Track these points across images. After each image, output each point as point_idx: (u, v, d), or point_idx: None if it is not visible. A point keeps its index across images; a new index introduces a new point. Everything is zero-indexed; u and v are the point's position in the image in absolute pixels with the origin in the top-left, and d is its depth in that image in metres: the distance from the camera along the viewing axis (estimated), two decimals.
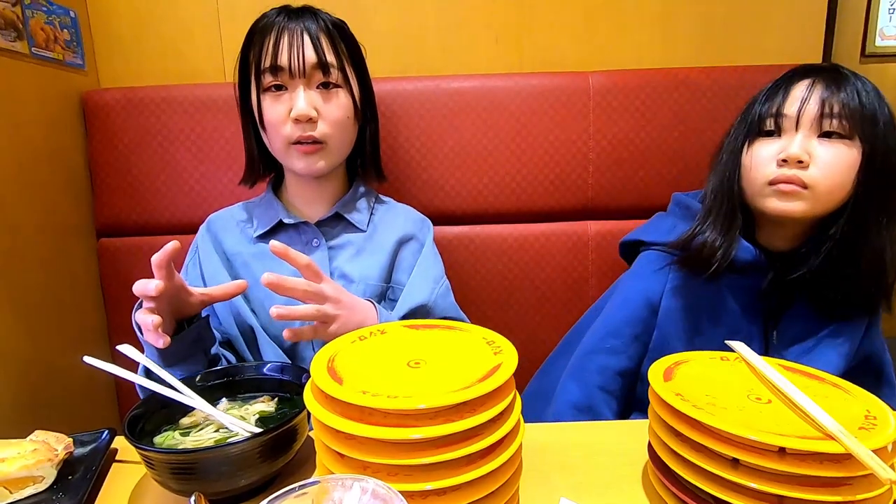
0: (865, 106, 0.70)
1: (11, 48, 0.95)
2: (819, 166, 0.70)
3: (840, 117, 0.70)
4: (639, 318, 0.83)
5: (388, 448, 0.41)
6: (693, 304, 0.80)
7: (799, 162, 0.70)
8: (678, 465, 0.47)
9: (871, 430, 0.42)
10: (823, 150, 0.70)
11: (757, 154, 0.75)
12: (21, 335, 0.96)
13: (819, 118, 0.71)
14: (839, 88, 0.71)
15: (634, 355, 0.83)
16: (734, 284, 0.79)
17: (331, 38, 0.82)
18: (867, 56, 2.03)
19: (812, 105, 0.71)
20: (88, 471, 0.57)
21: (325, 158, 0.84)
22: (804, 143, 0.71)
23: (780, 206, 0.72)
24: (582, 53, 1.21)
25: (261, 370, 0.65)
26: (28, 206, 0.99)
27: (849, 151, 0.70)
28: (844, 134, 0.70)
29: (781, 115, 0.73)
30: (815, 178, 0.70)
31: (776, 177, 0.72)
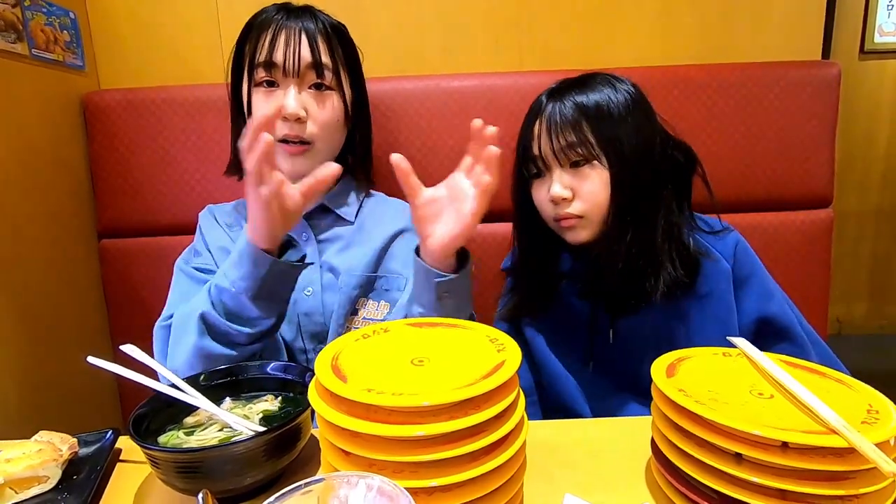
0: (589, 116, 0.74)
1: (11, 50, 0.96)
2: (582, 197, 0.76)
3: (573, 147, 0.74)
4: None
5: (393, 445, 0.42)
6: (545, 316, 0.86)
7: (564, 199, 0.76)
8: (681, 460, 0.47)
9: (874, 424, 0.42)
10: (579, 181, 0.76)
11: (536, 196, 0.81)
12: (24, 337, 0.96)
13: (555, 154, 0.75)
14: (559, 111, 0.75)
15: (523, 373, 0.86)
16: (570, 290, 0.85)
17: (328, 40, 0.82)
18: (866, 52, 2.03)
19: (545, 142, 0.76)
20: (93, 470, 0.57)
21: (310, 161, 0.82)
22: (562, 179, 0.76)
23: (572, 237, 0.79)
24: (582, 51, 1.21)
25: (264, 369, 0.65)
26: (29, 208, 0.99)
27: (599, 171, 0.75)
28: (587, 157, 0.75)
29: (536, 158, 0.79)
30: (584, 209, 0.76)
31: (556, 215, 0.78)
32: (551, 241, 0.83)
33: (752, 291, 0.80)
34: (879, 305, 2.24)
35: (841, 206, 1.29)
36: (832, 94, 1.12)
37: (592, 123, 0.74)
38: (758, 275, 0.81)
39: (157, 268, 1.13)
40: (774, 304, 0.80)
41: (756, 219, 1.13)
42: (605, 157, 0.74)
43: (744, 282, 0.80)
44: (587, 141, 0.74)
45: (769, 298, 0.81)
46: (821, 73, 1.11)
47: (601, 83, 0.77)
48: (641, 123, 0.76)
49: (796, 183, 1.13)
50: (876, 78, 2.01)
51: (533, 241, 0.85)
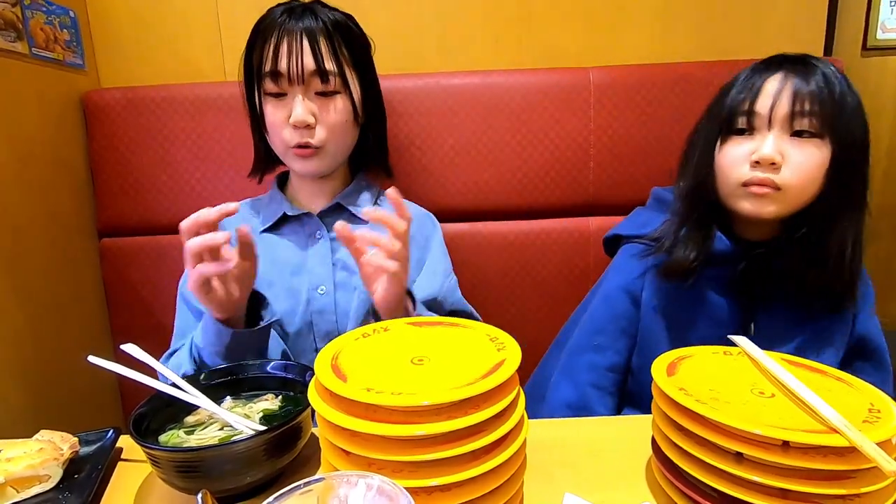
0: (836, 99, 0.70)
1: (11, 49, 0.95)
2: (791, 167, 0.70)
3: (811, 115, 0.69)
4: (622, 312, 0.84)
5: (393, 445, 0.42)
6: (672, 294, 0.81)
7: (772, 164, 0.70)
8: (682, 459, 0.47)
9: (875, 423, 0.42)
10: (796, 151, 0.70)
11: (729, 154, 0.74)
12: (24, 336, 0.96)
13: (790, 117, 0.70)
14: (808, 82, 0.70)
15: (622, 349, 0.84)
16: (712, 275, 0.79)
17: (331, 41, 0.81)
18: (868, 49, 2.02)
19: (783, 103, 0.70)
20: (94, 469, 0.57)
21: (322, 161, 0.85)
22: (776, 143, 0.70)
23: (753, 208, 0.73)
24: (582, 49, 1.20)
25: (264, 368, 0.65)
26: (29, 207, 0.99)
27: (819, 151, 0.70)
28: (815, 133, 0.70)
29: (753, 114, 0.72)
30: (788, 180, 0.70)
31: (749, 179, 0.72)
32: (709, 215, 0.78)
33: (866, 310, 0.80)
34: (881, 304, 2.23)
35: None
36: None
37: (835, 102, 0.69)
38: (872, 294, 0.81)
39: (158, 267, 1.13)
40: (876, 323, 0.81)
41: None
42: (835, 137, 0.70)
43: (863, 300, 0.79)
44: (825, 115, 0.69)
45: (874, 317, 0.81)
46: None
47: (836, 70, 0.72)
48: (865, 125, 0.73)
49: None
50: (878, 75, 2.00)
51: (698, 209, 0.78)
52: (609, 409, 0.83)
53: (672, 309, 0.81)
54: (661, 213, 0.86)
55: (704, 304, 0.80)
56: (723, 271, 0.79)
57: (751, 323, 0.79)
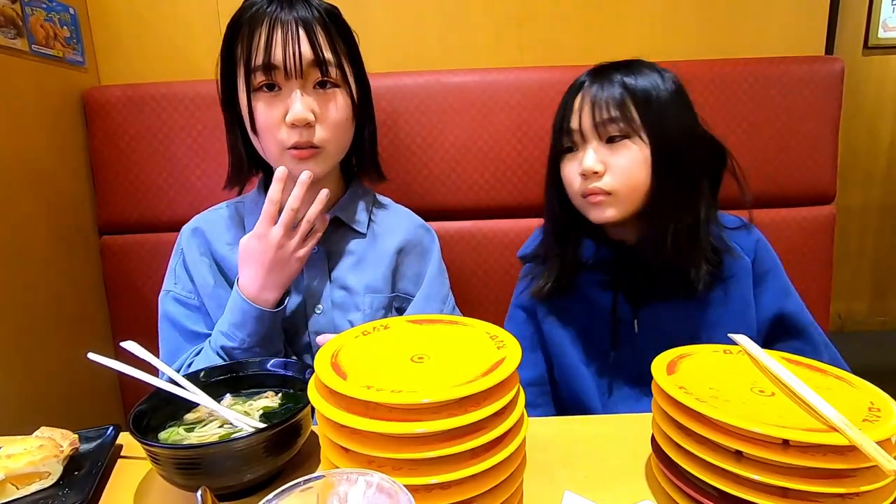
0: (638, 98, 0.73)
1: (11, 46, 0.95)
2: (614, 172, 0.74)
3: (613, 121, 0.73)
4: (525, 330, 0.89)
5: (393, 442, 0.42)
6: (562, 304, 0.85)
7: (594, 173, 0.74)
8: (682, 458, 0.47)
9: (875, 421, 0.42)
10: (614, 156, 0.74)
11: (566, 171, 0.79)
12: (25, 333, 0.96)
13: (595, 127, 0.74)
14: (604, 90, 0.74)
15: (537, 362, 0.88)
16: (593, 279, 0.83)
17: (327, 30, 0.74)
18: (870, 48, 2.02)
19: (586, 116, 0.75)
20: (94, 466, 0.57)
21: (323, 163, 0.78)
22: (595, 154, 0.74)
23: (596, 215, 0.77)
24: (582, 47, 1.20)
25: (264, 366, 0.65)
26: (30, 204, 0.99)
27: (636, 149, 0.74)
28: (625, 135, 0.74)
29: (571, 131, 0.77)
30: (613, 185, 0.74)
31: (584, 190, 0.76)
32: (576, 225, 0.82)
33: (770, 288, 0.80)
34: (881, 302, 2.23)
35: (843, 202, 1.29)
36: (835, 90, 1.11)
37: (638, 102, 0.73)
38: (777, 272, 0.81)
39: (159, 264, 1.12)
40: (792, 301, 0.81)
41: (758, 215, 1.11)
42: (647, 135, 0.73)
43: (763, 278, 0.80)
44: (630, 118, 0.73)
45: (787, 295, 0.81)
46: (824, 68, 1.11)
47: (647, 68, 0.77)
48: (685, 112, 0.77)
49: (799, 179, 1.13)
50: (879, 73, 2.00)
51: (558, 222, 0.84)
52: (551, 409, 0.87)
53: (564, 315, 0.85)
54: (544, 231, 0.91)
55: (593, 307, 0.83)
56: (600, 274, 0.83)
57: (633, 321, 0.81)
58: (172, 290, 0.84)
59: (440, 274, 0.91)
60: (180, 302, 0.83)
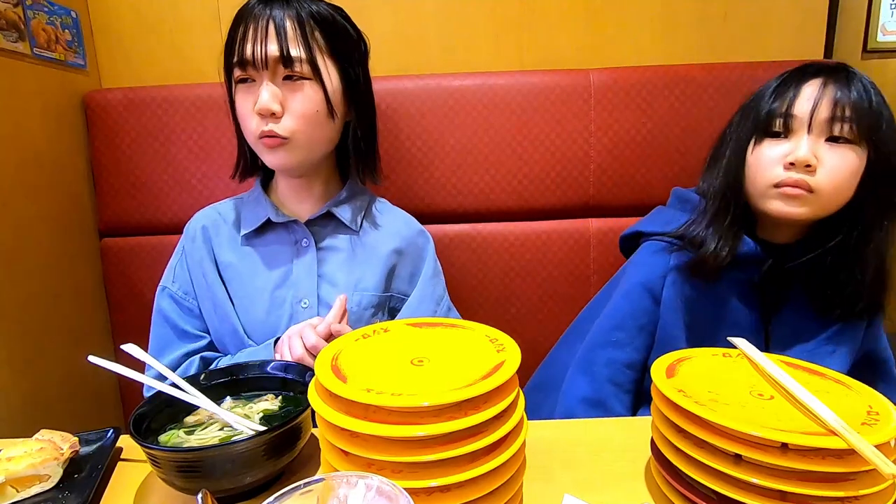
0: (873, 109, 0.71)
1: (13, 49, 0.96)
2: (826, 171, 0.71)
3: (850, 121, 0.70)
4: (642, 309, 0.83)
5: (393, 445, 0.42)
6: (693, 294, 0.80)
7: (807, 166, 0.71)
8: (681, 461, 0.47)
9: (874, 425, 0.42)
10: (830, 155, 0.71)
11: (763, 155, 0.75)
12: (25, 335, 0.96)
13: (829, 121, 0.71)
14: (850, 90, 0.71)
15: (641, 346, 0.83)
16: (733, 277, 0.79)
17: (301, 27, 0.76)
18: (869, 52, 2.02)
19: (824, 107, 0.71)
20: (94, 469, 0.57)
21: (292, 154, 0.80)
22: (813, 146, 0.71)
23: (784, 210, 0.73)
24: (583, 50, 1.21)
25: (264, 369, 0.65)
26: (31, 206, 0.99)
27: (855, 156, 0.71)
28: (852, 139, 0.71)
29: (791, 116, 0.73)
30: (821, 183, 0.71)
31: (782, 180, 0.72)
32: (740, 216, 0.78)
33: (875, 324, 0.80)
34: None
35: None
36: None
37: (872, 112, 0.71)
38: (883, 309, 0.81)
39: (159, 266, 1.11)
40: (884, 339, 0.81)
41: None
42: (869, 146, 0.71)
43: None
44: (861, 122, 0.70)
45: (882, 332, 0.81)
46: None
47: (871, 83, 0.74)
48: None
49: None
50: (879, 77, 2.00)
51: (729, 208, 0.78)
52: (625, 407, 0.82)
53: (692, 309, 0.81)
54: (683, 212, 0.86)
55: (724, 306, 0.80)
56: (745, 274, 0.79)
57: (767, 327, 0.79)
58: (170, 287, 0.87)
59: (435, 275, 0.92)
60: (175, 300, 0.86)
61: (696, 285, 0.80)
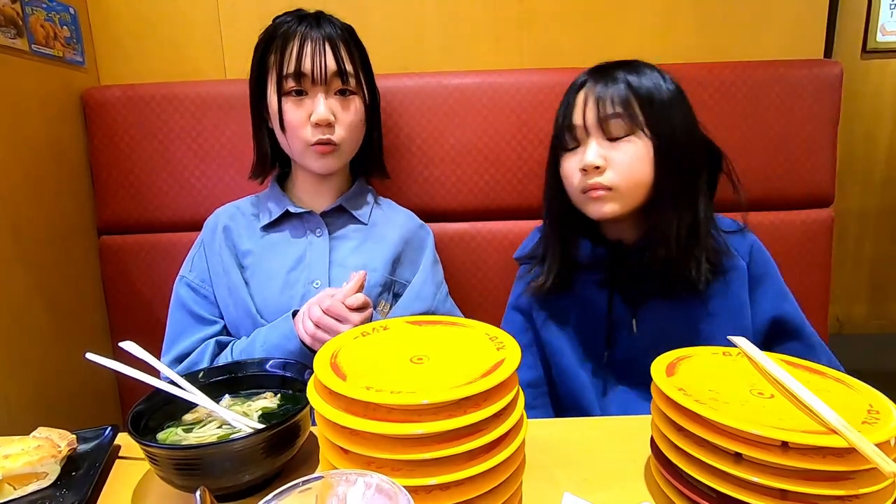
0: (642, 95, 0.74)
1: (11, 45, 0.95)
2: (615, 168, 0.75)
3: (617, 117, 0.74)
4: (521, 330, 0.89)
5: (392, 443, 0.42)
6: (557, 304, 0.85)
7: (596, 168, 0.75)
8: (681, 459, 0.47)
9: (874, 424, 0.42)
10: (615, 152, 0.75)
11: (566, 167, 0.80)
12: (23, 333, 0.96)
13: (600, 123, 0.75)
14: (608, 86, 0.75)
15: (534, 364, 0.88)
16: (589, 279, 0.84)
17: (347, 45, 0.86)
18: (868, 52, 2.02)
19: (590, 111, 0.76)
20: (92, 467, 0.57)
21: (339, 159, 0.89)
22: (597, 149, 0.75)
23: (596, 210, 0.77)
24: (582, 49, 1.20)
25: (263, 367, 0.65)
26: (29, 204, 0.99)
27: (638, 146, 0.75)
28: (628, 132, 0.75)
29: (573, 127, 0.78)
30: (615, 180, 0.75)
31: (584, 186, 0.77)
32: (573, 223, 0.83)
33: (767, 291, 0.81)
34: (880, 305, 2.24)
35: (842, 205, 1.29)
36: (834, 94, 1.11)
37: (642, 99, 0.75)
38: (772, 275, 0.82)
39: (157, 264, 1.13)
40: (788, 304, 0.81)
41: (756, 218, 1.12)
42: (650, 131, 0.74)
43: (759, 281, 0.81)
44: (634, 114, 0.74)
45: (784, 298, 0.81)
46: (823, 72, 1.11)
47: (647, 68, 0.78)
48: (685, 111, 0.78)
49: (797, 182, 1.13)
50: (878, 77, 2.00)
51: (557, 220, 0.84)
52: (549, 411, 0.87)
53: (560, 316, 0.86)
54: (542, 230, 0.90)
55: (588, 307, 0.83)
56: (597, 274, 0.83)
57: (631, 321, 0.81)
58: (187, 276, 0.92)
59: (435, 263, 0.99)
60: (192, 288, 0.91)
61: (557, 295, 0.84)
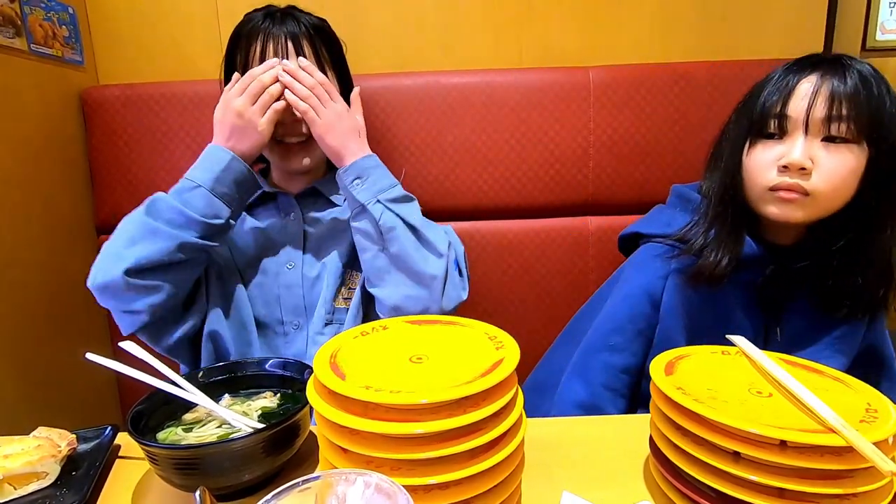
0: (873, 102, 0.67)
1: (10, 45, 0.95)
2: (821, 173, 0.68)
3: (847, 120, 0.66)
4: (641, 313, 0.81)
5: (391, 443, 0.42)
6: (694, 298, 0.78)
7: (801, 169, 0.68)
8: (680, 458, 0.47)
9: (872, 422, 0.42)
10: (827, 156, 0.68)
11: (758, 158, 0.72)
12: (23, 332, 0.96)
13: (826, 121, 0.67)
14: (846, 84, 0.67)
15: (638, 351, 0.81)
16: (735, 279, 0.77)
17: (312, 42, 0.86)
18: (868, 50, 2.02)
19: (819, 106, 0.67)
20: (92, 467, 0.57)
21: (309, 155, 0.90)
22: (807, 148, 0.68)
23: (781, 214, 0.71)
24: (581, 48, 1.20)
25: (263, 366, 0.65)
26: (28, 203, 0.99)
27: (853, 156, 0.68)
28: (851, 138, 0.67)
29: (785, 117, 0.70)
30: (817, 186, 0.68)
31: (777, 184, 0.70)
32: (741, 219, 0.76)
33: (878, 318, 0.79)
34: None
35: None
36: None
37: (872, 106, 0.66)
38: None
39: None
40: (882, 333, 0.80)
41: None
42: (871, 141, 0.67)
43: None
44: (860, 119, 0.66)
45: (881, 326, 0.80)
46: None
47: (874, 70, 0.70)
48: None
49: None
50: None
51: (731, 211, 0.76)
52: (620, 411, 0.81)
53: (692, 313, 0.79)
54: (684, 212, 0.83)
55: (726, 308, 0.78)
56: (747, 276, 0.77)
57: (775, 328, 0.77)
58: None
59: None
60: None
61: (698, 289, 0.78)
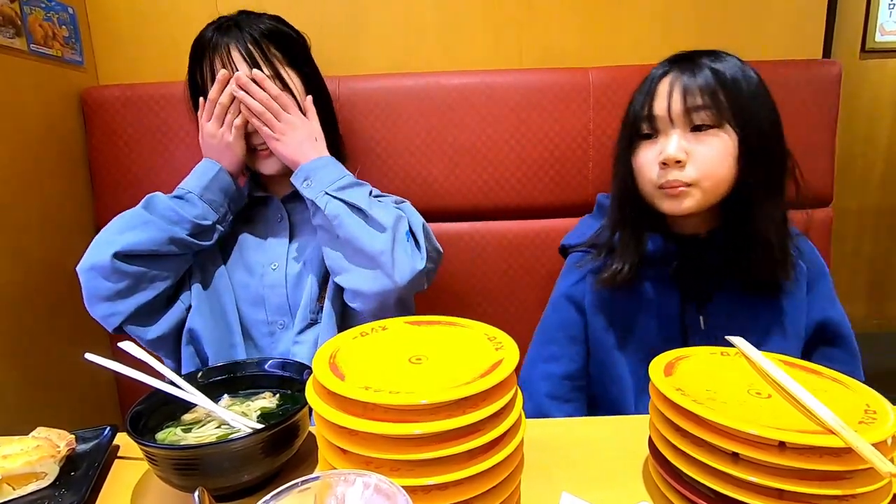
0: (729, 87, 0.71)
1: (10, 45, 0.95)
2: (696, 162, 0.72)
3: (705, 109, 0.71)
4: (568, 318, 0.86)
5: (391, 443, 0.42)
6: (616, 295, 0.82)
7: (677, 162, 0.72)
8: (679, 459, 0.47)
9: (871, 423, 0.42)
10: (699, 145, 0.72)
11: (642, 158, 0.77)
12: (22, 333, 0.96)
13: (686, 114, 0.72)
14: (696, 76, 0.72)
15: (576, 356, 0.85)
16: (651, 274, 0.80)
17: (260, 47, 0.86)
18: (867, 51, 2.02)
19: (676, 102, 0.72)
20: (91, 467, 0.57)
21: (277, 159, 0.90)
22: (679, 142, 0.72)
23: (671, 207, 0.74)
24: (581, 49, 1.21)
25: (262, 367, 0.65)
26: (28, 203, 0.99)
27: (722, 141, 0.72)
28: (715, 124, 0.72)
29: (653, 117, 0.75)
30: (696, 176, 0.72)
31: (662, 181, 0.74)
32: (643, 218, 0.80)
33: (819, 294, 0.80)
34: (878, 304, 2.24)
35: (840, 204, 1.29)
36: (833, 93, 1.11)
37: (728, 90, 0.71)
38: (826, 278, 0.81)
39: None
40: (837, 309, 0.81)
41: None
42: (736, 125, 0.71)
43: (814, 283, 0.80)
44: (721, 106, 0.71)
45: (833, 303, 0.81)
46: (822, 71, 1.11)
47: (732, 58, 0.74)
48: (770, 105, 0.74)
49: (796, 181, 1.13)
50: (877, 77, 2.00)
51: (630, 213, 0.80)
52: (567, 415, 0.83)
53: (616, 311, 0.82)
54: (601, 219, 0.88)
55: (648, 303, 0.81)
56: (661, 269, 0.80)
57: (697, 317, 0.79)
58: None
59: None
60: None
61: (617, 287, 0.81)
